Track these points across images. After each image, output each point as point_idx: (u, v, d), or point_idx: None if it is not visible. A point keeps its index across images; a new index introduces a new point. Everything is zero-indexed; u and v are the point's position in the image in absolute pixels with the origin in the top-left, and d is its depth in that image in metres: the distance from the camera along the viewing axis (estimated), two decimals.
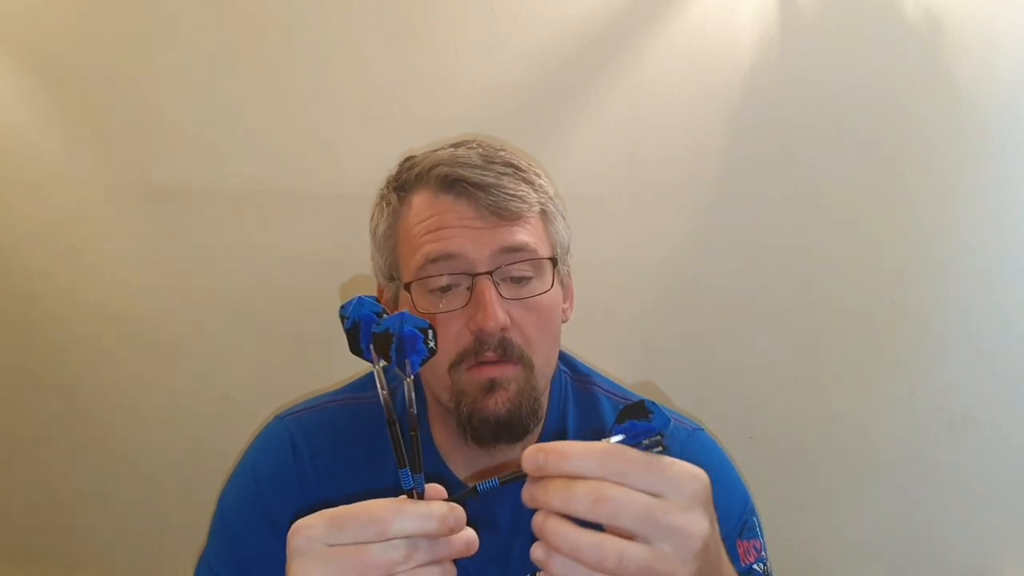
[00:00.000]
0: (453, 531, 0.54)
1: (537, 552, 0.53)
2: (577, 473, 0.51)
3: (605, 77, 1.41)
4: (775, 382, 1.45)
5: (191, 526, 1.16)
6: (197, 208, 1.47)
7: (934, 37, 1.35)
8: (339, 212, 1.45)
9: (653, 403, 0.56)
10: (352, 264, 1.44)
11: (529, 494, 0.53)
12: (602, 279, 1.42)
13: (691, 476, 0.52)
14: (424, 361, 0.57)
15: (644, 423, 0.55)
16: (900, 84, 1.37)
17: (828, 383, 1.45)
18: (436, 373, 0.83)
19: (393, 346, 0.56)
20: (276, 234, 1.47)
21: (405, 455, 0.56)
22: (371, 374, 0.96)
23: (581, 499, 0.50)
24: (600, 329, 1.43)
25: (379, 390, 0.57)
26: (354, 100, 1.44)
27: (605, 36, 1.40)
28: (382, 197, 0.90)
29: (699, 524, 0.51)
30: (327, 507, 0.84)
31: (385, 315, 0.57)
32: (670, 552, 0.50)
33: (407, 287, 0.83)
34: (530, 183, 0.85)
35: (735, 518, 0.88)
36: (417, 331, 0.56)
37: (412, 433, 0.57)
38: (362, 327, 0.57)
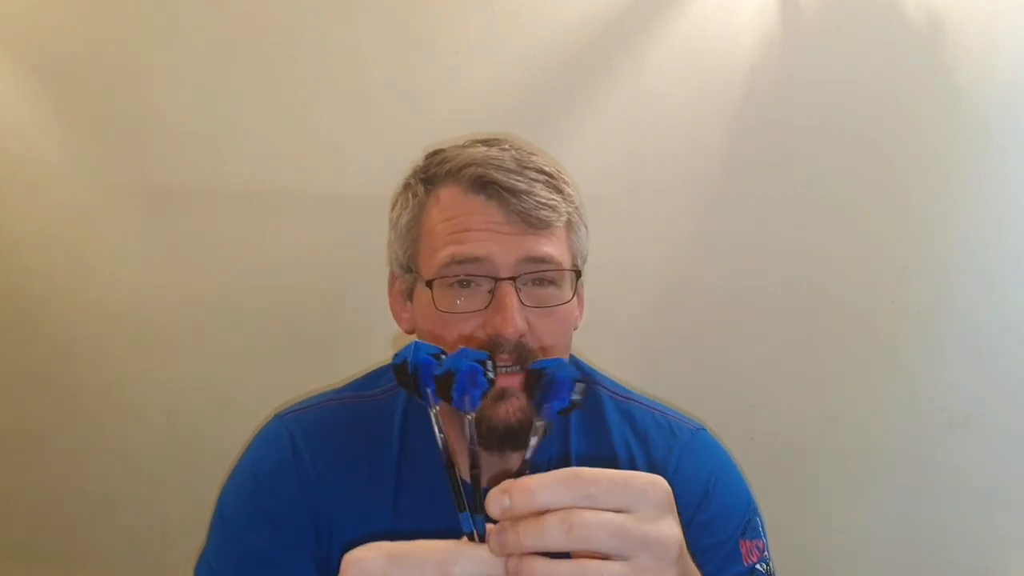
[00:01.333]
0: None
1: None
2: (546, 506, 0.49)
3: (605, 77, 1.41)
4: (776, 382, 1.45)
5: (191, 525, 1.16)
6: (197, 208, 1.47)
7: (934, 37, 1.35)
8: (339, 212, 1.45)
9: (538, 362, 0.55)
10: (352, 264, 1.44)
11: (499, 543, 0.50)
12: (602, 279, 1.41)
13: (652, 484, 0.51)
14: (485, 394, 0.56)
15: (552, 386, 0.54)
16: (900, 84, 1.38)
17: (829, 383, 1.45)
18: None
19: (455, 385, 0.55)
20: (276, 234, 1.47)
21: (465, 497, 0.54)
22: (372, 374, 0.97)
23: (554, 531, 0.48)
24: (600, 329, 1.43)
25: (436, 433, 0.56)
26: (354, 100, 1.44)
27: (605, 36, 1.40)
28: (407, 187, 0.89)
29: (672, 530, 0.50)
30: (326, 507, 0.85)
31: (443, 356, 0.56)
32: (650, 564, 0.49)
33: (428, 284, 0.82)
34: (560, 192, 0.84)
35: (738, 518, 0.88)
36: (477, 364, 0.56)
37: (473, 472, 0.56)
38: (421, 371, 0.56)
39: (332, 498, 0.86)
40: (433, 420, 0.56)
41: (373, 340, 1.34)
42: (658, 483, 0.52)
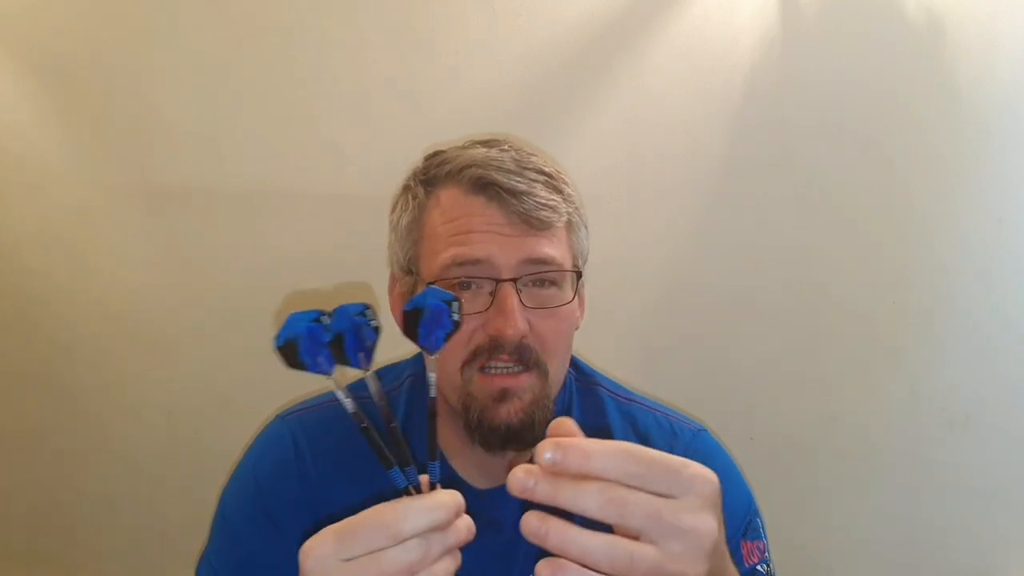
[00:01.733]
0: (459, 515, 0.53)
1: (544, 571, 0.50)
2: (598, 473, 0.49)
3: (605, 77, 1.41)
4: (776, 382, 1.45)
5: (192, 526, 1.16)
6: (197, 208, 1.47)
7: (934, 37, 1.35)
8: (339, 212, 1.45)
9: (409, 302, 0.56)
10: (352, 264, 1.44)
11: (524, 485, 0.50)
12: (602, 279, 1.41)
13: (704, 478, 0.52)
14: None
15: (428, 315, 0.55)
16: (900, 84, 1.38)
17: (829, 383, 1.45)
18: (446, 371, 0.82)
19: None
20: (276, 234, 1.47)
21: (389, 454, 0.55)
22: (373, 374, 0.97)
23: (591, 497, 0.49)
24: (600, 329, 1.42)
25: (341, 399, 0.55)
26: (354, 100, 1.44)
27: (605, 36, 1.40)
28: (407, 189, 0.89)
29: (709, 524, 0.51)
30: (327, 508, 0.85)
31: (323, 317, 0.55)
32: (680, 552, 0.50)
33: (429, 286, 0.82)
34: (560, 192, 0.84)
35: (739, 519, 0.88)
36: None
37: (390, 426, 0.56)
38: (304, 342, 0.55)
39: (334, 498, 0.86)
40: (334, 386, 0.56)
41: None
42: (709, 477, 0.52)
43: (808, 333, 1.45)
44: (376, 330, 0.55)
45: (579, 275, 0.86)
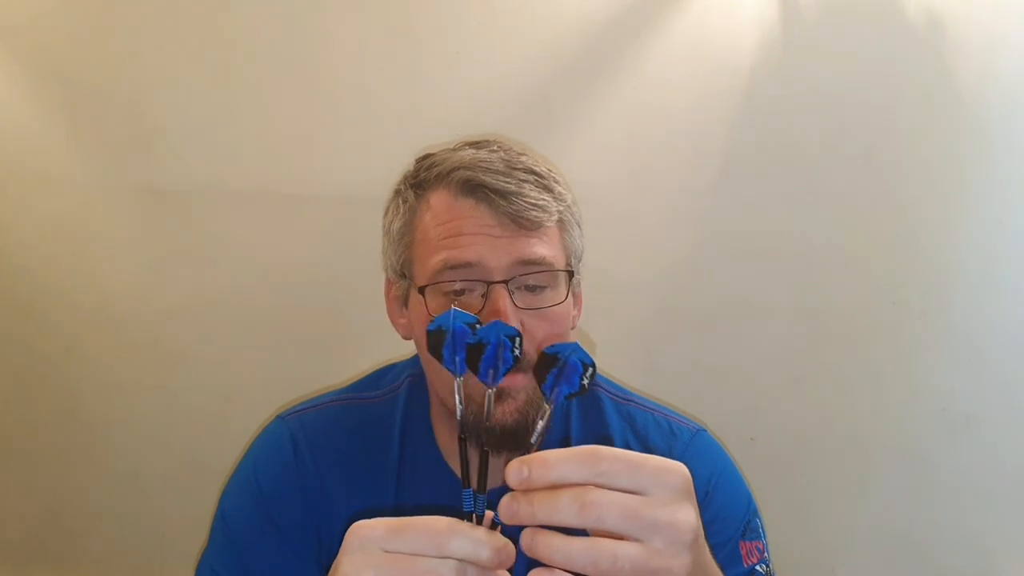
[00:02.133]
0: (502, 566, 0.53)
1: None
2: (563, 480, 0.50)
3: (606, 78, 1.41)
4: (776, 383, 1.45)
5: (193, 529, 1.16)
6: (198, 209, 1.47)
7: (936, 39, 1.35)
8: (340, 213, 1.45)
9: (552, 346, 0.57)
10: (352, 265, 1.44)
11: (510, 511, 0.51)
12: (602, 280, 1.42)
13: (671, 470, 0.52)
14: (508, 370, 0.58)
15: (564, 369, 0.56)
16: (902, 86, 1.38)
17: (829, 384, 1.45)
18: (442, 376, 0.82)
19: (483, 356, 0.57)
20: (277, 235, 1.47)
21: (474, 475, 0.56)
22: (373, 375, 0.97)
23: (567, 507, 0.49)
24: (601, 331, 1.43)
25: (456, 403, 0.57)
26: (354, 101, 1.44)
27: (606, 37, 1.40)
28: (398, 193, 0.89)
29: (687, 516, 0.51)
30: (327, 508, 0.85)
31: (479, 325, 0.57)
32: (662, 547, 0.50)
33: (421, 291, 0.82)
34: (550, 191, 0.84)
35: (738, 519, 0.88)
36: (507, 339, 0.57)
37: (483, 450, 0.57)
38: (456, 339, 0.57)
39: (333, 499, 0.86)
40: (456, 389, 0.57)
41: (375, 341, 1.34)
42: (675, 468, 0.53)
43: (809, 334, 1.44)
44: (516, 359, 0.57)
45: (571, 275, 0.85)
